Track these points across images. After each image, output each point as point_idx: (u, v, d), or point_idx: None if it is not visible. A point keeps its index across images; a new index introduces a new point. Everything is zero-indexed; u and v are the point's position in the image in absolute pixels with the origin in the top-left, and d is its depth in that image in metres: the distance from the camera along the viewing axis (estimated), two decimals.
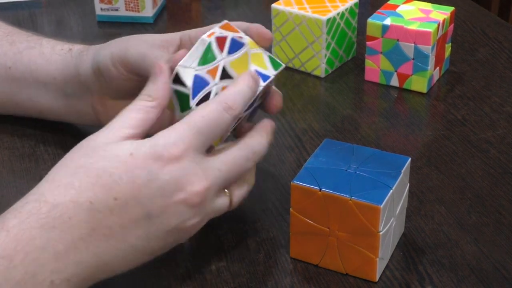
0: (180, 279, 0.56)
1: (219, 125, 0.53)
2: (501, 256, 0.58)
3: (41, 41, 0.72)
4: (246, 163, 0.55)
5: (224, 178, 0.53)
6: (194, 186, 0.51)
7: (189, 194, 0.50)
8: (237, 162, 0.54)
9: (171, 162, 0.50)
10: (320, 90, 0.84)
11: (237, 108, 0.54)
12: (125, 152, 0.50)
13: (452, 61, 0.88)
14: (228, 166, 0.53)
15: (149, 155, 0.50)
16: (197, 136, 0.51)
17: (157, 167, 0.50)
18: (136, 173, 0.49)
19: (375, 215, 0.52)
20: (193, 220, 0.52)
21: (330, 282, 0.56)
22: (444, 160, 0.70)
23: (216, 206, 0.54)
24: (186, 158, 0.50)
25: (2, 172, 0.69)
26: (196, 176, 0.51)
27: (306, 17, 0.82)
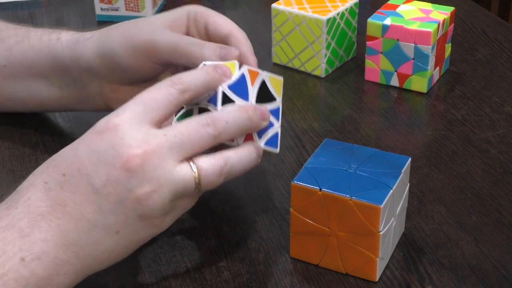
0: (180, 279, 0.56)
1: (164, 97, 0.52)
2: (501, 256, 0.58)
3: (29, 33, 0.71)
4: (202, 128, 0.52)
5: (175, 144, 0.50)
6: (132, 149, 0.49)
7: (127, 157, 0.49)
8: (190, 127, 0.51)
9: (109, 131, 0.50)
10: (320, 90, 0.84)
11: (183, 84, 0.53)
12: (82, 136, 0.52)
13: (452, 61, 0.88)
14: (176, 131, 0.51)
15: (93, 130, 0.51)
16: (138, 104, 0.51)
17: (96, 137, 0.51)
18: (79, 147, 0.51)
19: (375, 215, 0.52)
20: (142, 188, 0.49)
21: (330, 282, 0.56)
22: (444, 160, 0.70)
23: (174, 176, 0.50)
24: (125, 125, 0.50)
25: (2, 172, 0.69)
26: (135, 140, 0.50)
27: (306, 17, 0.82)
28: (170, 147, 0.50)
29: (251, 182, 0.67)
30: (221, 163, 0.52)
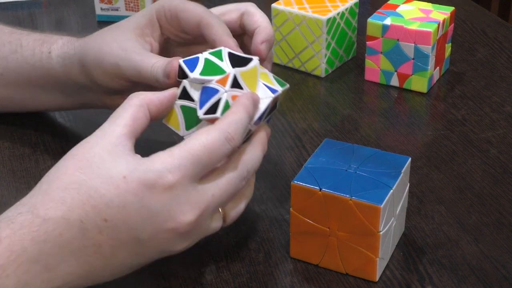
0: (180, 279, 0.56)
1: (219, 156, 0.51)
2: (501, 256, 0.58)
3: (21, 41, 0.70)
4: (241, 182, 0.53)
5: (218, 202, 0.52)
6: (185, 216, 0.50)
7: (180, 224, 0.50)
8: (232, 183, 0.52)
9: (164, 191, 0.49)
10: (320, 90, 0.84)
11: (238, 139, 0.52)
12: (119, 174, 0.48)
13: (452, 61, 0.88)
14: (222, 190, 0.52)
15: (142, 181, 0.48)
16: (195, 166, 0.50)
17: (149, 195, 0.48)
18: (128, 199, 0.48)
19: (375, 215, 0.52)
20: (183, 244, 0.52)
21: (330, 282, 0.56)
22: (444, 160, 0.70)
23: (210, 228, 0.53)
24: (180, 187, 0.49)
25: (2, 172, 0.69)
26: (188, 205, 0.50)
27: (306, 17, 0.82)
28: (214, 207, 0.52)
29: None
30: (242, 206, 0.55)
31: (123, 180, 0.48)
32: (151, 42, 0.62)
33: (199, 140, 0.50)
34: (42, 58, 0.68)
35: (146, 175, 0.48)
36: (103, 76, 0.62)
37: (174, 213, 0.49)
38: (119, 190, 0.48)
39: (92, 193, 0.48)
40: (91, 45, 0.64)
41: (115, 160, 0.49)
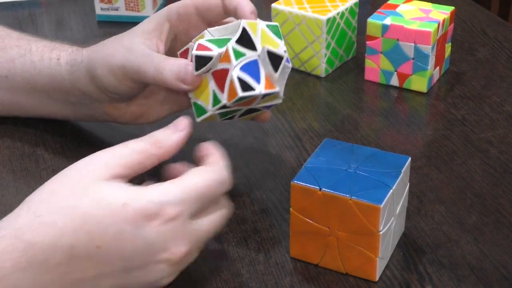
0: (180, 279, 0.56)
1: (216, 196, 0.52)
2: (501, 256, 0.58)
3: (30, 46, 0.70)
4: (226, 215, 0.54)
5: (206, 237, 0.52)
6: (178, 248, 0.49)
7: (173, 255, 0.49)
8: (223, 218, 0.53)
9: (163, 223, 0.48)
10: (320, 89, 0.84)
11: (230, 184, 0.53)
12: (118, 201, 0.47)
13: (452, 60, 0.88)
14: (211, 226, 0.52)
15: (142, 210, 0.47)
16: (196, 203, 0.50)
17: (147, 225, 0.48)
18: (125, 227, 0.47)
19: (375, 215, 0.52)
20: (169, 278, 0.51)
21: (330, 282, 0.56)
22: (444, 160, 0.70)
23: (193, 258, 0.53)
24: (179, 221, 0.49)
25: (2, 172, 0.69)
26: (183, 239, 0.49)
27: (306, 17, 0.82)
28: (207, 240, 0.52)
29: (251, 182, 0.67)
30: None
31: (122, 208, 0.47)
32: (158, 44, 0.62)
33: (204, 178, 0.50)
34: (50, 65, 0.67)
35: (148, 205, 0.48)
36: (110, 78, 0.62)
37: (169, 245, 0.49)
38: (117, 217, 0.47)
39: (87, 219, 0.46)
40: (98, 50, 0.64)
41: (114, 186, 0.48)
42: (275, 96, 0.58)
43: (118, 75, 0.62)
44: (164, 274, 0.50)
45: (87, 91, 0.65)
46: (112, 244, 0.47)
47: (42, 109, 0.72)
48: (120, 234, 0.47)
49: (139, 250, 0.48)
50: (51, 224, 0.46)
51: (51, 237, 0.45)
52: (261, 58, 0.56)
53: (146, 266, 0.49)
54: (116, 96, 0.64)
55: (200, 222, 0.51)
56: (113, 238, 0.47)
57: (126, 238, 0.47)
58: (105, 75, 0.62)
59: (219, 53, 0.57)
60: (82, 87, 0.66)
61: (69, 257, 0.46)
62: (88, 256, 0.46)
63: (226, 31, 0.59)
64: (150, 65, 0.59)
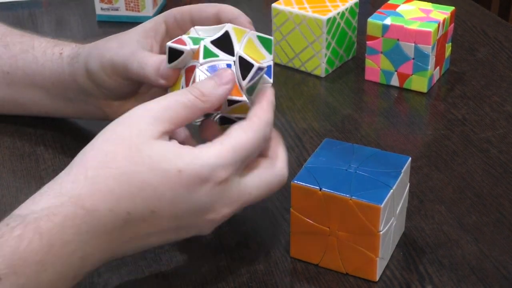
0: (180, 279, 0.56)
1: (258, 153, 0.53)
2: (501, 256, 0.58)
3: (33, 42, 0.71)
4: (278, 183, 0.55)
5: (253, 200, 0.54)
6: (225, 209, 0.51)
7: (219, 215, 0.51)
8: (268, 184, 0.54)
9: (215, 186, 0.50)
10: (320, 89, 0.84)
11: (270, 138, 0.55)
12: (174, 168, 0.48)
13: (452, 60, 0.88)
14: (259, 191, 0.54)
15: (197, 176, 0.49)
16: (243, 162, 0.52)
17: (201, 188, 0.49)
18: (179, 192, 0.49)
19: (375, 215, 0.52)
20: (211, 230, 0.53)
21: (330, 282, 0.56)
22: (444, 160, 0.70)
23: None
24: (229, 183, 0.51)
25: (2, 172, 0.69)
26: (230, 199, 0.51)
27: (306, 17, 0.82)
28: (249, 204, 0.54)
29: None
30: None
31: (178, 174, 0.48)
32: (152, 44, 0.63)
33: (248, 137, 0.52)
34: (52, 59, 0.68)
35: (202, 169, 0.49)
36: (101, 73, 0.63)
37: (217, 206, 0.51)
38: (172, 184, 0.48)
39: (145, 186, 0.48)
40: (97, 45, 0.65)
41: (167, 149, 0.49)
42: (243, 106, 0.56)
43: (107, 70, 0.62)
44: (206, 230, 0.52)
45: (84, 85, 0.66)
46: (166, 209, 0.49)
47: (41, 105, 0.72)
48: (174, 199, 0.49)
49: (191, 212, 0.50)
50: (109, 192, 0.47)
51: (110, 205, 0.47)
52: (235, 64, 0.55)
53: (194, 223, 0.51)
54: (109, 93, 0.65)
55: (246, 184, 0.52)
56: (168, 203, 0.49)
57: (180, 201, 0.49)
58: (97, 69, 0.63)
59: (191, 49, 0.56)
60: (79, 81, 0.66)
61: (124, 222, 0.48)
62: (142, 219, 0.48)
63: (213, 31, 0.58)
64: (134, 60, 0.60)
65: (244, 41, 0.57)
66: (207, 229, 0.53)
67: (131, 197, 0.47)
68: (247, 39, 0.57)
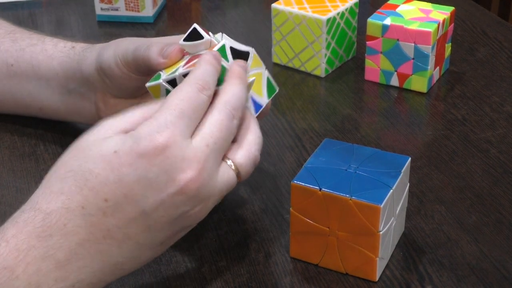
0: (180, 279, 0.56)
1: (198, 106, 0.50)
2: (501, 256, 0.58)
3: (44, 38, 0.72)
4: (231, 122, 0.51)
5: (216, 150, 0.50)
6: (186, 174, 0.48)
7: (183, 183, 0.48)
8: (222, 125, 0.51)
9: (157, 154, 0.47)
10: (320, 89, 0.84)
11: (210, 88, 0.52)
12: (109, 150, 0.48)
13: (452, 61, 0.88)
14: (215, 137, 0.50)
15: (134, 150, 0.47)
16: (180, 119, 0.49)
17: (144, 162, 0.47)
18: (123, 171, 0.47)
19: (375, 215, 0.52)
20: (197, 207, 0.50)
21: (330, 282, 0.56)
22: (444, 160, 0.70)
23: (222, 182, 0.51)
24: (173, 145, 0.48)
25: (2, 172, 0.69)
26: (185, 162, 0.48)
27: (306, 17, 0.82)
28: (214, 157, 0.50)
29: (251, 182, 0.67)
30: (252, 151, 0.53)
31: (115, 155, 0.47)
32: None
33: (173, 96, 0.50)
34: (63, 50, 0.69)
35: (136, 143, 0.47)
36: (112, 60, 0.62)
37: (173, 174, 0.48)
38: (113, 165, 0.47)
39: (87, 176, 0.47)
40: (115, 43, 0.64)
41: (105, 139, 0.48)
42: None
43: (118, 58, 0.62)
44: (187, 207, 0.49)
45: (88, 75, 0.66)
46: (117, 193, 0.47)
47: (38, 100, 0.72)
48: (121, 181, 0.47)
49: (146, 189, 0.47)
50: (59, 190, 0.47)
51: (62, 203, 0.47)
52: None
53: (161, 203, 0.48)
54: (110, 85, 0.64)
55: (197, 140, 0.50)
56: (116, 187, 0.47)
57: (128, 182, 0.47)
58: (107, 56, 0.63)
59: (211, 39, 0.56)
60: (85, 70, 0.66)
61: (84, 218, 0.47)
62: (101, 212, 0.47)
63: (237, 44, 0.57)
64: (144, 44, 0.60)
65: (255, 71, 0.57)
66: (186, 207, 0.49)
67: (79, 191, 0.47)
68: (259, 72, 0.57)
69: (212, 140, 0.50)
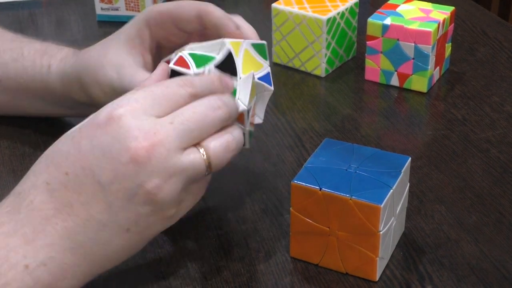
0: (180, 279, 0.56)
1: (173, 96, 0.50)
2: (501, 255, 0.58)
3: (22, 50, 0.70)
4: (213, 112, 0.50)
5: (183, 131, 0.49)
6: (138, 142, 0.47)
7: (134, 150, 0.47)
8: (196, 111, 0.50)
9: (113, 122, 0.47)
10: (320, 89, 0.84)
11: (194, 86, 0.51)
12: (75, 128, 0.50)
13: (452, 60, 0.88)
14: (183, 118, 0.49)
15: (94, 122, 0.48)
16: (147, 99, 0.49)
17: (99, 131, 0.48)
18: (82, 143, 0.48)
19: (375, 215, 0.52)
20: (151, 181, 0.47)
21: (330, 282, 0.56)
22: (444, 160, 0.70)
23: (184, 163, 0.48)
24: (130, 116, 0.47)
25: (2, 172, 0.69)
26: (141, 131, 0.47)
27: (306, 17, 0.82)
28: (178, 135, 0.48)
29: (251, 182, 0.67)
30: (228, 139, 0.51)
31: (79, 130, 0.49)
32: (143, 53, 0.62)
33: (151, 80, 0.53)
34: (42, 72, 0.68)
35: (98, 116, 0.49)
36: (101, 93, 0.62)
37: (126, 141, 0.47)
38: (74, 139, 0.49)
39: (53, 154, 0.50)
40: (87, 63, 0.64)
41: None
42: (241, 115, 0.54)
43: (107, 92, 0.61)
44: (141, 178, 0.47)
45: (80, 100, 0.66)
46: (76, 165, 0.48)
47: (40, 109, 0.72)
48: (79, 153, 0.48)
49: (100, 158, 0.47)
50: (31, 172, 0.50)
51: (31, 182, 0.49)
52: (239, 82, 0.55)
53: (116, 172, 0.47)
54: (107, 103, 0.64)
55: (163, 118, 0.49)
56: (75, 159, 0.48)
57: (85, 152, 0.48)
58: (95, 91, 0.63)
59: (195, 73, 0.55)
60: (74, 96, 0.66)
61: (49, 193, 0.48)
62: (63, 186, 0.48)
63: (210, 49, 0.56)
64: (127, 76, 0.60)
65: (241, 55, 0.56)
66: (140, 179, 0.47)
67: (45, 169, 0.49)
68: (244, 51, 0.57)
69: (179, 119, 0.49)
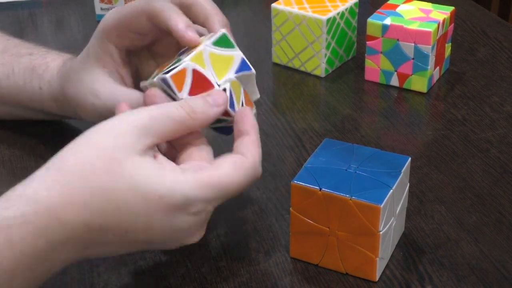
0: (180, 279, 0.56)
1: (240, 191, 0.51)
2: (501, 255, 0.58)
3: (12, 67, 0.69)
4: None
5: None
6: (199, 233, 0.51)
7: (188, 242, 0.51)
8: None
9: (192, 214, 0.49)
10: (320, 89, 0.84)
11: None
12: (155, 193, 0.47)
13: (452, 60, 0.88)
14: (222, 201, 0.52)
15: (176, 204, 0.47)
16: (220, 199, 0.50)
17: (177, 215, 0.48)
18: (155, 217, 0.47)
19: (375, 215, 0.52)
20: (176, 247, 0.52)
21: (330, 282, 0.56)
22: (444, 160, 0.70)
23: None
24: (205, 214, 0.50)
25: (2, 172, 0.69)
26: (202, 228, 0.51)
27: (306, 17, 0.82)
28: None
29: None
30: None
31: (158, 199, 0.47)
32: (116, 68, 0.61)
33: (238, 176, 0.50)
34: (34, 92, 0.68)
35: (182, 199, 0.47)
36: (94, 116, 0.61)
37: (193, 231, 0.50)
38: (150, 206, 0.47)
39: (120, 205, 0.46)
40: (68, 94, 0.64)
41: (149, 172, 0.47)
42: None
43: (94, 116, 0.61)
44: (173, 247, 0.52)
45: (76, 117, 0.67)
46: (140, 230, 0.48)
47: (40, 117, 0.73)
48: (149, 222, 0.47)
49: (166, 235, 0.49)
50: (84, 205, 0.46)
51: (83, 218, 0.46)
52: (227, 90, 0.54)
53: (166, 245, 0.51)
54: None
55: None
56: (142, 226, 0.47)
57: (154, 225, 0.48)
58: (85, 114, 0.63)
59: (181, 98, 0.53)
60: (70, 115, 0.68)
61: (97, 233, 0.46)
62: (115, 235, 0.47)
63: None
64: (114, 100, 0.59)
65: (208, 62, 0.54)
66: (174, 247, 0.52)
67: (105, 214, 0.46)
68: (208, 56, 0.54)
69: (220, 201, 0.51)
